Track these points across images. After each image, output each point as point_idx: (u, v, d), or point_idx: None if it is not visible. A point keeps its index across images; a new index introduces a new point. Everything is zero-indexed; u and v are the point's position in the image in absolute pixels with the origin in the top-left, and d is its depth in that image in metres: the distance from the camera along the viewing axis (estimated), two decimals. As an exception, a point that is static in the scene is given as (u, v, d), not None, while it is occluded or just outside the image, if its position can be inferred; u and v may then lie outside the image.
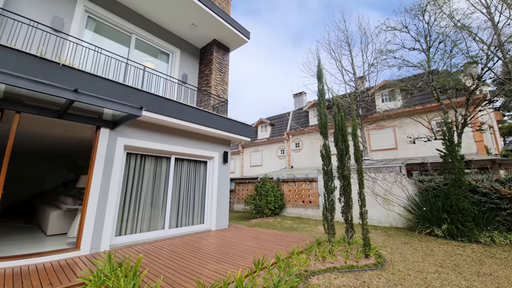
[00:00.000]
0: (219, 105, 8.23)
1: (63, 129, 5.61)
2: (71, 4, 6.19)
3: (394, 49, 9.14)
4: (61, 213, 5.64)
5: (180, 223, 6.38)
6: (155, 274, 3.38)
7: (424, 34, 8.62)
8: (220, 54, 8.96)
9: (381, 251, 4.85)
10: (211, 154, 7.21)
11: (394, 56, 9.24)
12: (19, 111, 3.98)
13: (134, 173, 5.63)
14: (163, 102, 5.54)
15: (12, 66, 3.59)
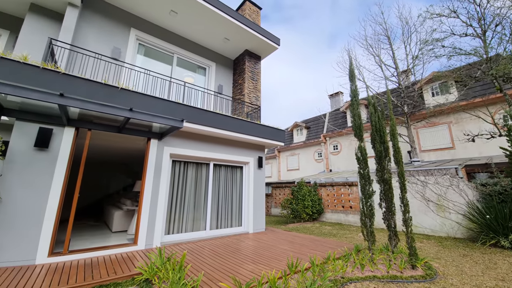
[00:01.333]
0: (252, 112, 8.55)
1: (122, 142, 6.58)
2: (126, 35, 7.29)
3: (442, 38, 8.17)
4: (122, 213, 6.59)
5: (220, 225, 6.79)
6: (197, 270, 3.74)
7: (477, 17, 7.51)
8: (252, 63, 9.34)
9: (432, 262, 4.38)
10: (246, 159, 7.52)
11: (442, 45, 8.25)
12: (90, 128, 4.88)
13: (179, 179, 6.25)
14: (201, 113, 6.07)
15: (84, 92, 4.46)
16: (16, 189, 4.02)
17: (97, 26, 6.76)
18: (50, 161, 4.36)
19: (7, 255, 3.81)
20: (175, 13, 7.48)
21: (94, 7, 6.78)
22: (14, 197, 3.98)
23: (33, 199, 4.12)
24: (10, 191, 3.97)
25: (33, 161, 4.21)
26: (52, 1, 6.16)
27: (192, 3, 7.11)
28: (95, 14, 6.78)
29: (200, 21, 7.85)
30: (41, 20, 6.32)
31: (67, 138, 4.60)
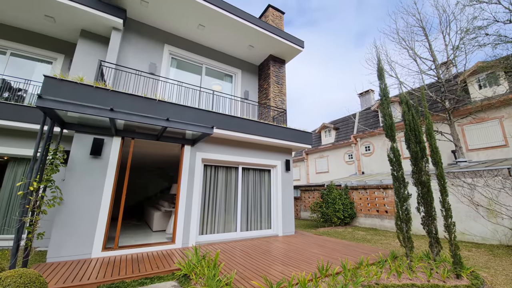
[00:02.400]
0: (278, 116, 8.65)
1: (159, 148, 7.18)
2: (160, 50, 8.00)
3: (485, 25, 7.34)
4: (161, 214, 7.16)
5: (249, 227, 6.97)
6: (230, 268, 3.94)
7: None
8: (276, 67, 9.48)
9: (480, 272, 3.98)
10: (274, 162, 7.63)
11: (486, 33, 7.43)
12: (133, 137, 5.46)
13: (210, 182, 6.60)
14: (229, 119, 6.37)
15: (128, 106, 5.02)
16: (76, 192, 4.69)
17: (136, 45, 7.54)
18: (102, 167, 4.99)
19: (68, 250, 4.44)
20: (202, 26, 7.99)
21: (133, 29, 7.59)
22: (74, 199, 4.64)
23: (89, 201, 4.75)
24: (71, 194, 4.64)
25: (89, 167, 4.88)
26: (99, 27, 7.06)
27: (218, 15, 7.53)
28: (134, 34, 7.58)
29: (225, 32, 8.26)
30: (90, 43, 7.27)
31: (115, 146, 5.22)
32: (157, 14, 7.46)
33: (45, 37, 7.67)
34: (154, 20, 7.73)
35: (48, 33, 7.59)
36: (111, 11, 6.72)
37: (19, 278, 2.50)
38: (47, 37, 7.70)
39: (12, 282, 2.43)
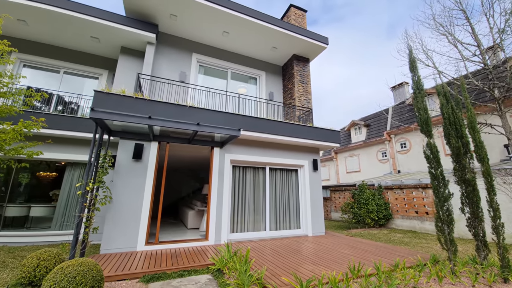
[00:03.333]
0: (304, 115, 8.59)
1: (191, 151, 7.64)
2: (189, 59, 8.52)
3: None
4: (194, 213, 7.62)
5: (278, 227, 7.04)
6: (260, 264, 4.07)
7: None
8: (300, 66, 9.42)
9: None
10: (301, 162, 7.60)
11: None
12: (168, 142, 5.94)
13: (239, 182, 6.83)
14: (255, 121, 6.53)
15: (163, 113, 5.48)
16: (122, 192, 5.26)
17: (167, 56, 8.16)
18: (143, 169, 5.53)
19: (117, 244, 5.00)
20: (227, 33, 8.33)
21: (165, 41, 8.22)
22: (120, 198, 5.22)
23: (133, 199, 5.30)
24: (118, 193, 5.22)
25: (132, 170, 5.44)
26: (136, 42, 7.80)
27: (241, 21, 7.78)
28: (165, 46, 8.21)
29: (249, 36, 8.48)
30: (129, 58, 8.06)
31: (153, 150, 5.73)
32: (185, 25, 7.98)
33: (91, 56, 8.70)
34: (183, 32, 8.27)
35: (94, 52, 8.60)
36: (145, 28, 7.39)
37: (79, 266, 2.92)
38: (93, 56, 8.72)
39: (73, 270, 2.86)
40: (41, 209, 6.78)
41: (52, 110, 7.82)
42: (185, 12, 7.43)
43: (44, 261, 3.42)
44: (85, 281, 2.76)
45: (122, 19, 7.20)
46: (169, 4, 7.11)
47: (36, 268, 3.36)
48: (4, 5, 6.26)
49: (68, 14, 6.66)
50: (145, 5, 7.12)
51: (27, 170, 6.75)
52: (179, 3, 7.07)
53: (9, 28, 7.20)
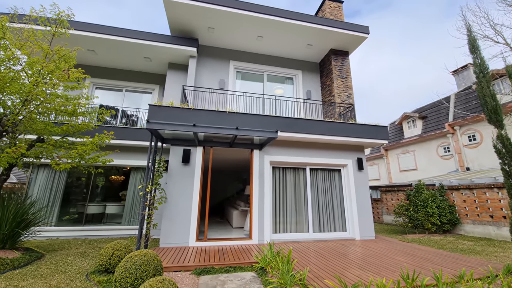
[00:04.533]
0: (345, 112, 8.16)
1: (232, 154, 8.04)
2: (227, 67, 9.00)
3: None
4: (239, 212, 7.98)
5: (322, 229, 6.84)
6: (302, 265, 4.05)
7: None
8: (338, 61, 8.99)
9: None
10: (344, 161, 7.23)
11: None
12: (211, 146, 6.39)
13: (279, 183, 6.89)
14: (292, 121, 6.52)
15: (205, 120, 5.93)
16: (174, 192, 5.89)
17: (207, 67, 8.78)
18: (191, 172, 6.08)
19: (173, 239, 5.60)
20: (261, 37, 8.51)
21: (204, 53, 8.87)
22: (173, 198, 5.84)
23: (184, 200, 5.87)
24: (171, 194, 5.86)
25: (182, 173, 6.04)
26: (180, 58, 8.62)
27: (274, 23, 7.87)
28: (205, 58, 8.85)
29: (283, 37, 8.51)
30: (175, 72, 8.95)
31: (198, 155, 6.26)
32: (221, 36, 8.47)
33: (145, 74, 9.94)
34: (220, 42, 8.80)
35: (147, 70, 9.81)
36: (187, 43, 8.12)
37: (143, 256, 3.40)
38: (146, 74, 9.95)
39: (139, 260, 3.34)
40: (114, 207, 8.06)
41: (118, 123, 9.23)
42: (220, 23, 7.90)
43: (117, 251, 4.10)
44: (148, 269, 3.22)
45: (168, 38, 8.07)
46: (206, 18, 7.67)
47: (111, 257, 4.04)
48: (78, 39, 7.66)
49: (128, 41, 7.78)
50: (186, 23, 7.84)
51: (102, 175, 8.11)
52: (215, 16, 7.57)
53: (82, 58, 8.78)
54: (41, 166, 7.49)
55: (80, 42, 7.75)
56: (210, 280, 3.76)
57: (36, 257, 4.78)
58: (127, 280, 3.09)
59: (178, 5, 7.18)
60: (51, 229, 7.08)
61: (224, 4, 7.39)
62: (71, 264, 4.53)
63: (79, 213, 7.74)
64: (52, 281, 3.66)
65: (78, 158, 5.33)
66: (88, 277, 3.88)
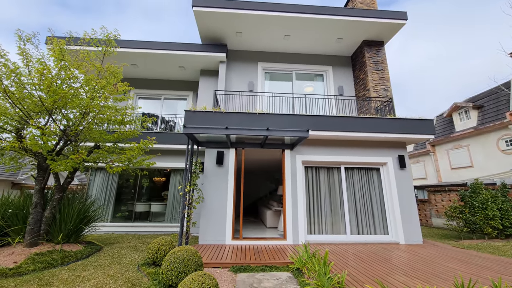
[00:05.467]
0: (382, 106, 7.62)
1: (264, 154, 8.12)
2: (255, 69, 9.13)
3: None
4: (272, 213, 8.03)
5: (361, 231, 6.48)
6: (340, 268, 3.91)
7: None
8: (373, 52, 8.44)
9: None
10: (383, 160, 6.76)
11: None
12: (243, 147, 6.56)
13: (312, 183, 6.74)
14: (324, 119, 6.33)
15: (236, 122, 6.11)
16: (210, 192, 6.18)
17: (236, 70, 9.02)
18: (224, 173, 6.33)
19: (210, 237, 5.88)
20: (288, 36, 8.45)
21: (233, 57, 9.13)
22: (210, 198, 6.14)
23: (219, 199, 6.13)
24: (207, 194, 6.17)
25: (216, 174, 6.32)
26: (211, 64, 9.02)
27: (301, 20, 7.75)
28: (234, 62, 9.11)
29: (310, 33, 8.32)
30: (207, 78, 9.39)
31: (231, 156, 6.48)
32: (249, 39, 8.63)
33: (180, 82, 10.63)
34: (247, 45, 8.98)
35: (182, 78, 10.47)
36: (217, 49, 8.47)
37: (185, 252, 3.66)
38: (181, 82, 10.63)
39: (182, 255, 3.59)
40: (157, 206, 8.79)
41: (158, 129, 10.04)
42: (248, 27, 8.06)
43: (162, 246, 4.48)
44: (190, 264, 3.46)
45: (200, 46, 8.52)
46: (234, 24, 7.91)
47: (157, 251, 4.43)
48: (123, 55, 8.53)
49: (165, 53, 8.44)
50: (216, 30, 8.19)
51: (146, 176, 8.91)
52: (242, 20, 7.75)
53: (126, 71, 9.73)
54: (98, 170, 8.56)
55: (125, 58, 8.65)
56: (247, 278, 3.87)
57: (96, 249, 5.48)
58: (172, 273, 3.37)
59: (208, 14, 7.54)
60: (107, 225, 8.03)
61: (250, 8, 7.53)
62: (124, 256, 5.08)
63: (129, 211, 8.63)
64: (109, 271, 4.17)
65: (127, 161, 5.96)
66: (139, 269, 4.32)
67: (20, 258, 4.28)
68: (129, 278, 3.89)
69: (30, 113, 4.85)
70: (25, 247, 4.68)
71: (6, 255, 4.35)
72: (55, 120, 5.20)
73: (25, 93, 4.74)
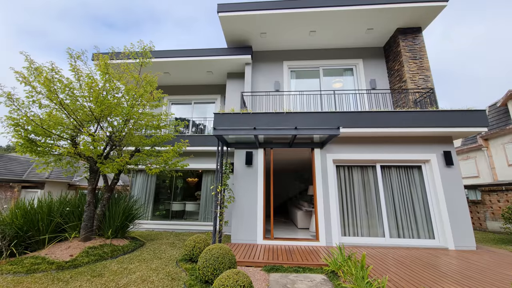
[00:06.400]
0: (422, 98, 6.99)
1: (292, 154, 8.01)
2: (280, 68, 9.07)
3: None
4: (303, 213, 7.88)
5: (402, 234, 6.01)
6: (379, 273, 3.66)
7: None
8: (408, 40, 7.80)
9: None
10: (425, 156, 6.19)
11: None
12: (271, 147, 6.56)
13: (345, 183, 6.44)
14: (355, 115, 6.01)
15: (264, 123, 6.12)
16: (240, 193, 6.30)
17: (262, 71, 9.06)
18: (254, 173, 6.40)
19: (242, 236, 5.99)
20: (313, 31, 8.23)
21: (258, 58, 9.19)
22: (240, 198, 6.26)
23: (250, 199, 6.22)
24: (238, 194, 6.29)
25: (246, 174, 6.42)
26: (237, 66, 9.21)
27: (327, 14, 7.49)
28: (259, 63, 9.16)
29: (337, 27, 7.99)
30: (234, 81, 9.60)
31: (260, 156, 6.52)
32: (274, 38, 8.61)
33: (209, 86, 11.03)
34: (272, 45, 8.96)
35: (210, 83, 10.86)
36: (243, 52, 8.62)
37: (220, 250, 3.78)
38: (209, 86, 11.02)
39: (216, 252, 3.72)
40: (191, 205, 9.25)
41: (190, 132, 10.55)
42: (272, 27, 8.05)
43: (197, 243, 4.69)
44: (224, 261, 3.57)
45: (226, 50, 8.76)
46: (258, 25, 7.97)
47: (193, 248, 4.66)
48: (157, 64, 9.15)
49: (193, 59, 8.87)
50: (240, 33, 8.34)
51: (181, 177, 9.43)
52: (266, 20, 7.77)
53: (159, 80, 10.43)
54: (138, 172, 9.31)
55: (159, 67, 9.28)
56: (280, 278, 3.86)
57: (140, 244, 5.96)
58: (207, 270, 3.51)
59: (233, 18, 7.72)
60: (148, 222, 8.68)
61: (274, 7, 7.51)
62: (164, 252, 5.44)
63: (166, 210, 9.22)
64: (152, 265, 4.50)
65: (164, 163, 6.38)
66: (177, 264, 4.59)
67: (76, 251, 4.84)
68: (169, 272, 4.15)
69: (82, 122, 5.48)
70: (80, 241, 5.29)
71: (63, 249, 4.94)
72: (102, 128, 5.79)
73: (77, 105, 5.37)
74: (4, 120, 4.88)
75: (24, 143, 5.09)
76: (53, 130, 5.19)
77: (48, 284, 3.60)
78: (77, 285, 3.60)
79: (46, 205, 5.47)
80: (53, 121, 5.06)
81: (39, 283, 3.63)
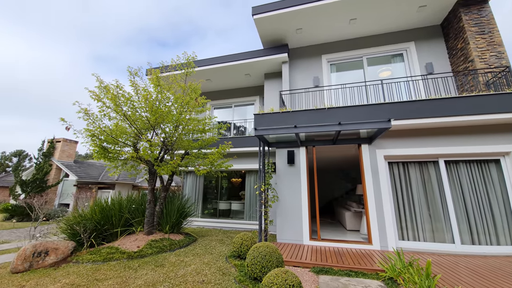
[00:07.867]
0: (495, 78, 5.85)
1: (337, 151, 7.61)
2: (319, 63, 8.71)
3: None
4: (352, 214, 7.41)
5: (476, 240, 5.12)
6: (449, 284, 3.18)
7: None
8: (473, 13, 6.64)
9: None
10: (502, 148, 5.16)
11: None
12: (314, 145, 6.35)
13: (400, 182, 5.81)
14: (409, 105, 5.38)
15: (305, 120, 5.97)
16: (284, 192, 6.27)
17: (299, 68, 8.86)
18: (296, 172, 6.29)
19: (288, 235, 5.94)
20: (354, 19, 7.67)
21: (295, 55, 9.02)
22: (284, 197, 6.22)
23: (293, 199, 6.13)
24: (281, 193, 6.27)
25: (288, 173, 6.36)
26: (274, 66, 9.20)
27: None
28: (296, 60, 8.98)
29: (382, 10, 7.29)
30: (271, 81, 9.63)
31: (302, 155, 6.38)
32: (310, 33, 8.33)
33: (247, 89, 11.28)
34: (309, 40, 8.68)
35: (248, 85, 11.11)
36: (279, 51, 8.58)
37: (266, 248, 3.82)
38: (247, 88, 11.27)
39: (263, 250, 3.77)
40: (236, 205, 9.60)
41: (232, 134, 10.99)
42: (307, 21, 7.80)
43: (245, 241, 4.84)
44: (271, 259, 3.59)
45: (262, 51, 8.86)
46: (293, 21, 7.82)
47: (241, 245, 4.82)
48: (199, 73, 9.81)
49: (232, 64, 9.23)
50: (276, 32, 8.32)
51: (225, 178, 9.88)
52: (301, 15, 7.58)
53: (202, 87, 11.13)
54: (188, 173, 10.11)
55: (201, 75, 9.93)
56: (331, 281, 3.70)
57: (192, 240, 6.45)
58: (256, 267, 3.58)
59: (267, 18, 7.77)
60: (198, 220, 9.34)
61: (308, 1, 7.27)
62: (214, 248, 5.78)
63: (214, 208, 9.77)
64: (204, 259, 4.82)
65: (210, 165, 6.79)
66: (227, 260, 4.81)
67: (141, 243, 5.51)
68: (220, 267, 4.39)
69: (141, 130, 6.23)
70: (144, 234, 5.99)
71: (132, 241, 5.67)
72: (157, 134, 6.48)
73: (137, 115, 6.13)
74: (83, 132, 5.88)
75: (99, 150, 6.03)
76: (119, 138, 6.03)
77: (121, 271, 4.19)
78: (144, 273, 4.09)
79: (117, 203, 6.37)
80: (119, 130, 5.88)
81: (114, 270, 4.24)
